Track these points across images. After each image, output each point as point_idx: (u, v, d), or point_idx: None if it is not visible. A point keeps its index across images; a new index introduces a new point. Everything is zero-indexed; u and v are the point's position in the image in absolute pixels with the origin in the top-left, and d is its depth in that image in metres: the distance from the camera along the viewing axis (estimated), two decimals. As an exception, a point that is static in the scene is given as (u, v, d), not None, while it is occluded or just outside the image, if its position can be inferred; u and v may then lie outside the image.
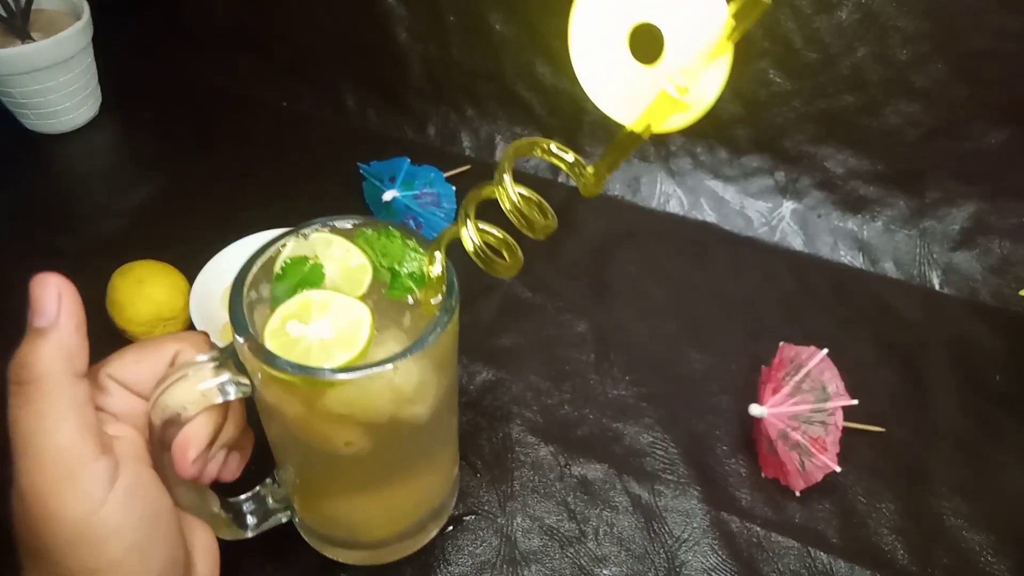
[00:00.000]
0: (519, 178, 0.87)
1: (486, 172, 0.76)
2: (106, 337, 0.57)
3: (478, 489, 0.51)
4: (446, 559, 0.47)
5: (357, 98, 0.81)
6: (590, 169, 0.30)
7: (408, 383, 0.34)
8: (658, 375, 0.59)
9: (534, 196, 0.31)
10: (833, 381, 0.50)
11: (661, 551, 0.48)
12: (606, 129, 0.74)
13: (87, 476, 0.27)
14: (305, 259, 0.37)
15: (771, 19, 0.63)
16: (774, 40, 0.64)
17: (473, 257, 0.32)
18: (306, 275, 0.36)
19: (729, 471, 0.53)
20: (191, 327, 0.55)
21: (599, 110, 0.28)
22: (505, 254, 0.33)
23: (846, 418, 0.49)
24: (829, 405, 0.49)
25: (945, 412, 0.58)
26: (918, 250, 0.69)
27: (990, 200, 0.66)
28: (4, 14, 0.72)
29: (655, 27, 0.25)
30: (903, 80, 0.63)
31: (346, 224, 0.39)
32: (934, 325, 0.64)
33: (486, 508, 0.50)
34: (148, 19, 0.86)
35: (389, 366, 0.32)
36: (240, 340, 0.32)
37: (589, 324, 0.62)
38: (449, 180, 0.69)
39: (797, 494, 0.51)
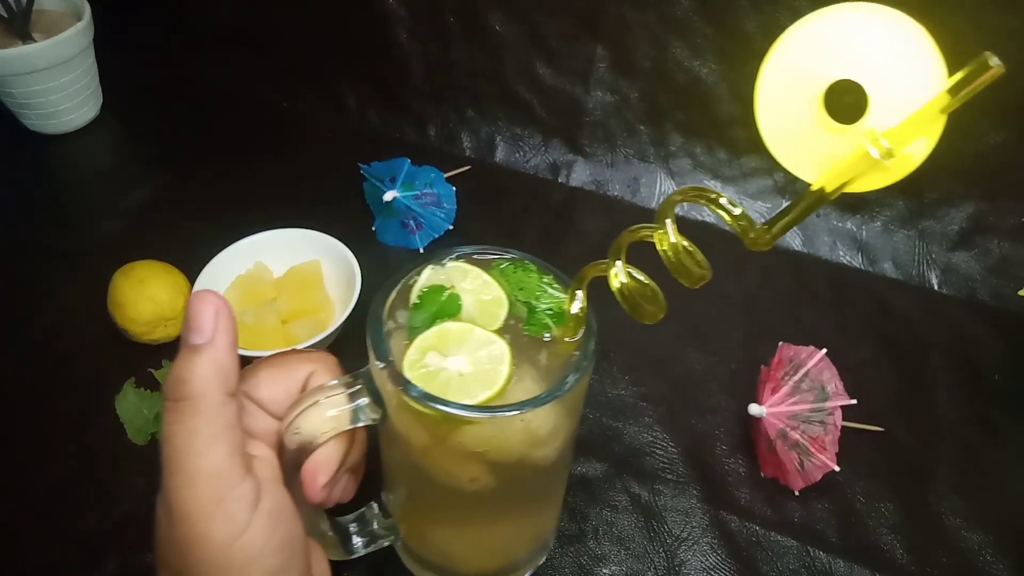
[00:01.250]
0: (519, 177, 0.86)
1: (486, 172, 0.76)
2: (107, 337, 0.58)
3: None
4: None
5: (357, 98, 0.81)
6: (763, 227, 0.28)
7: (544, 426, 0.34)
8: (657, 375, 0.59)
9: (691, 245, 0.30)
10: (832, 381, 0.50)
11: (660, 550, 0.49)
12: (606, 130, 0.74)
13: (234, 499, 0.27)
14: (442, 288, 0.36)
15: (769, 19, 0.63)
16: (773, 41, 0.64)
17: (618, 296, 0.32)
18: (443, 305, 0.36)
19: (728, 470, 0.53)
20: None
21: (597, 113, 0.28)
22: (649, 299, 0.32)
23: (845, 418, 0.50)
24: (828, 405, 0.49)
25: (944, 412, 0.58)
26: (917, 250, 0.69)
27: (989, 200, 0.66)
28: (5, 15, 0.72)
29: (857, 85, 0.24)
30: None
31: (483, 255, 0.39)
32: (933, 325, 0.65)
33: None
34: (149, 20, 0.86)
35: (529, 409, 0.32)
36: (380, 365, 0.32)
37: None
38: (449, 180, 0.69)
39: (796, 493, 0.51)
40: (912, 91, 0.23)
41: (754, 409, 0.50)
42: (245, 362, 0.55)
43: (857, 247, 0.70)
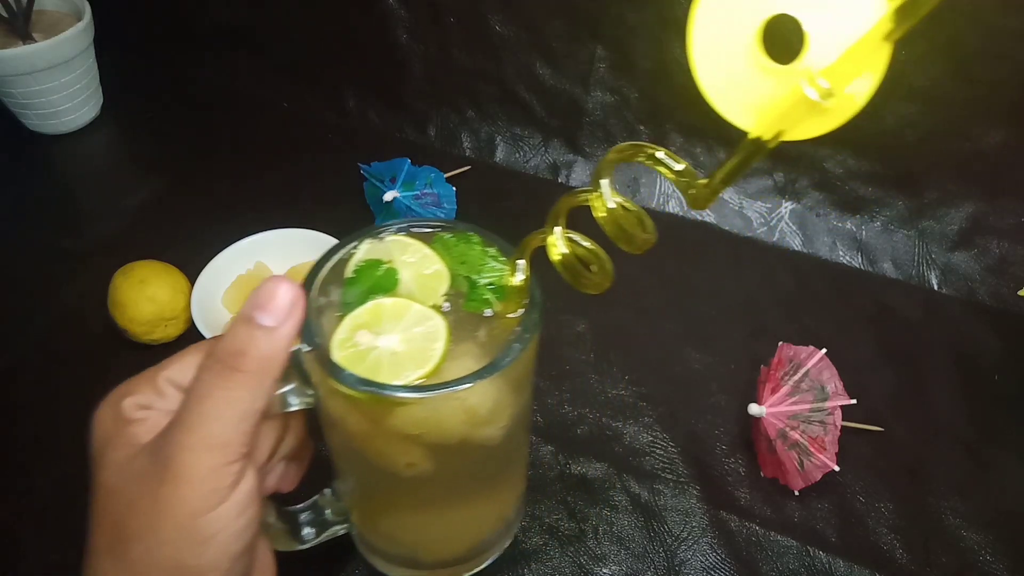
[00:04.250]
0: (519, 177, 0.87)
1: (486, 172, 0.76)
2: (107, 337, 0.58)
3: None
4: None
5: (357, 98, 0.81)
6: (702, 181, 0.26)
7: (483, 404, 0.32)
8: (657, 375, 0.59)
9: (633, 207, 0.28)
10: (832, 381, 0.50)
11: (660, 550, 0.49)
12: (606, 130, 0.74)
13: (227, 472, 0.27)
14: (379, 262, 0.35)
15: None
16: (773, 41, 0.64)
17: (559, 267, 0.30)
18: (379, 280, 0.34)
19: (728, 470, 0.53)
20: (192, 327, 0.56)
21: (597, 113, 0.27)
22: (594, 267, 0.30)
23: (845, 417, 0.50)
24: (828, 404, 0.49)
25: (943, 411, 0.58)
26: (916, 250, 0.69)
27: (988, 200, 0.66)
28: (5, 15, 0.72)
29: (795, 19, 0.22)
30: (901, 80, 0.63)
31: (424, 228, 0.37)
32: (932, 325, 0.65)
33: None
34: (149, 20, 0.86)
35: (464, 387, 0.30)
36: (305, 348, 0.31)
37: (588, 324, 0.62)
38: (449, 181, 0.69)
39: (796, 493, 0.51)
40: (853, 21, 0.21)
41: (754, 409, 0.50)
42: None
43: (857, 247, 0.70)
